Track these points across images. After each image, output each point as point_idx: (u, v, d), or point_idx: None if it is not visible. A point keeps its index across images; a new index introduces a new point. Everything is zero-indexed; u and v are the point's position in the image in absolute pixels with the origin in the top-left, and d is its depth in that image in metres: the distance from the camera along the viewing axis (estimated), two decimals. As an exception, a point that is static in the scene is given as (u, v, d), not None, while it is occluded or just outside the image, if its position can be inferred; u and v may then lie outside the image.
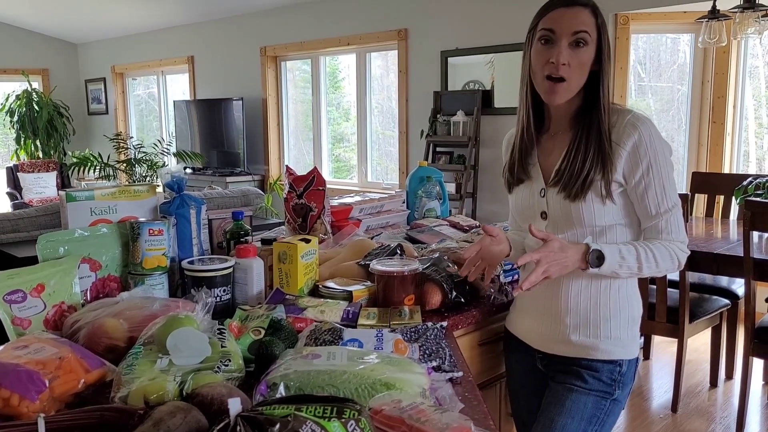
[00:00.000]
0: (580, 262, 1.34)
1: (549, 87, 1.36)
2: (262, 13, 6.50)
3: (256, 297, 1.54)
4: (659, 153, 1.35)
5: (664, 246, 1.38)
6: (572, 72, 1.35)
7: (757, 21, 3.20)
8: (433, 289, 1.55)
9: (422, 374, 1.10)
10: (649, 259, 1.37)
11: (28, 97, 8.12)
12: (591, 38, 1.34)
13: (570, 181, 1.38)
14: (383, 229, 2.24)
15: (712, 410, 3.05)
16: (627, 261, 1.36)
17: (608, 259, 1.34)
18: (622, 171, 1.37)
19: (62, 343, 1.17)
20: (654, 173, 1.35)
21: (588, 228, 1.39)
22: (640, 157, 1.35)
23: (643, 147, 1.34)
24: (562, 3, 1.35)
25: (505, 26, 4.75)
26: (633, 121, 1.35)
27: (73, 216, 1.52)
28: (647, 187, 1.36)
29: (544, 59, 1.36)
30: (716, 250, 2.78)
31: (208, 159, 7.03)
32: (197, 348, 1.10)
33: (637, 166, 1.35)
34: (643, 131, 1.34)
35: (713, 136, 4.44)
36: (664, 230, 1.38)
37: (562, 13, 1.34)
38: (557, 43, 1.34)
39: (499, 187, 4.89)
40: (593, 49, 1.35)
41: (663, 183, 1.36)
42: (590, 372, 1.44)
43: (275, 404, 0.89)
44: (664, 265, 1.38)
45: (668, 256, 1.38)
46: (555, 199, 1.43)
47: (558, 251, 1.32)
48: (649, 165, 1.35)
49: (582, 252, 1.34)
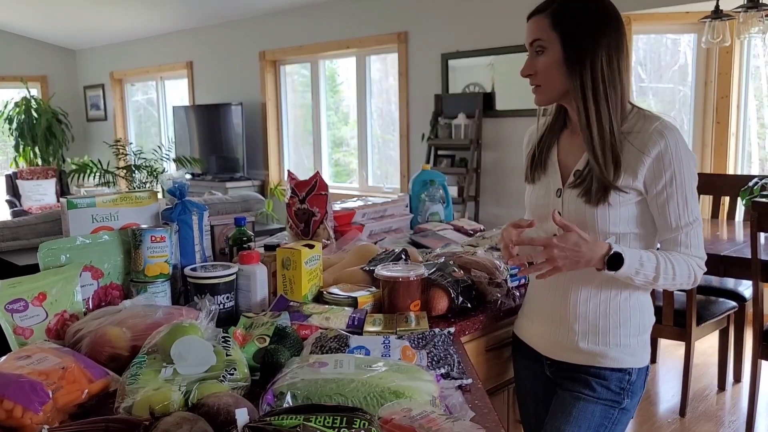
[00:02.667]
0: (596, 262, 1.30)
1: (533, 90, 1.42)
2: (261, 17, 6.49)
3: (260, 304, 1.52)
4: (684, 164, 1.31)
5: (684, 260, 1.34)
6: (540, 78, 1.38)
7: (761, 20, 3.19)
8: (439, 295, 1.53)
9: (431, 382, 1.08)
10: (667, 271, 1.32)
11: (27, 104, 8.11)
12: (549, 42, 1.34)
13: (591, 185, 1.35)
14: (386, 233, 2.22)
15: (721, 414, 3.03)
16: (645, 269, 1.31)
17: (627, 264, 1.30)
18: (644, 179, 1.33)
19: (65, 353, 1.15)
20: (677, 184, 1.32)
21: (601, 234, 1.36)
22: (664, 167, 1.31)
23: (668, 156, 1.30)
24: (528, 16, 1.39)
25: (505, 28, 4.74)
26: (660, 129, 1.31)
27: (74, 223, 1.50)
28: (669, 198, 1.32)
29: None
30: (723, 252, 2.76)
31: (207, 164, 7.02)
32: (202, 357, 1.08)
33: (660, 175, 1.32)
34: (670, 140, 1.30)
35: (717, 137, 4.42)
36: (683, 244, 1.34)
37: (527, 26, 1.39)
38: (528, 55, 1.40)
39: (502, 190, 4.89)
40: (554, 53, 1.34)
41: (686, 195, 1.33)
42: (598, 380, 1.41)
43: (283, 414, 0.88)
44: (680, 280, 1.34)
45: (687, 270, 1.34)
46: (571, 201, 1.40)
47: (572, 246, 1.28)
48: (673, 175, 1.31)
49: (602, 253, 1.29)
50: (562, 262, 1.28)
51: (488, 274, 1.65)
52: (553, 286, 1.45)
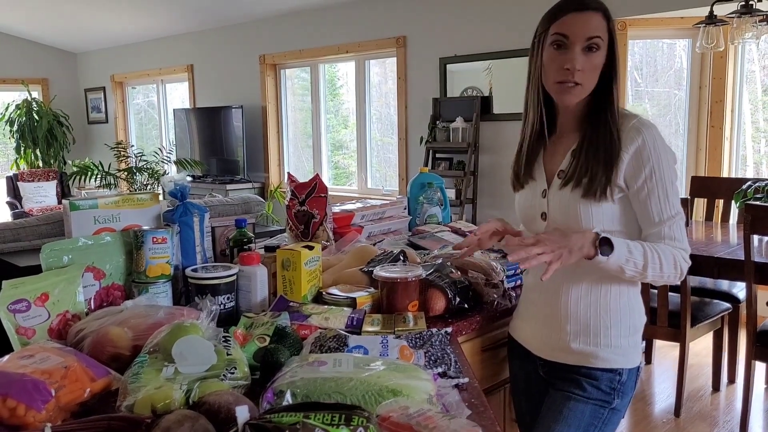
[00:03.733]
0: (588, 248, 1.30)
1: (563, 89, 1.37)
2: (261, 21, 6.52)
3: (260, 304, 1.54)
4: (663, 159, 1.35)
5: (669, 250, 1.36)
6: (586, 76, 1.36)
7: (754, 26, 3.21)
8: (436, 295, 1.55)
9: (428, 381, 1.10)
10: (654, 260, 1.33)
11: (28, 106, 8.12)
12: (603, 42, 1.35)
13: (576, 180, 1.38)
14: (385, 235, 2.24)
15: (715, 414, 3.05)
16: (634, 256, 1.32)
17: (617, 250, 1.30)
18: (624, 175, 1.36)
19: (67, 352, 1.16)
20: (657, 179, 1.34)
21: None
22: (642, 162, 1.34)
23: (646, 152, 1.34)
24: (574, 7, 1.35)
25: (503, 33, 4.76)
26: (638, 126, 1.35)
27: (76, 225, 1.52)
28: (650, 192, 1.35)
29: (558, 64, 1.36)
30: (717, 254, 2.78)
31: (208, 167, 7.04)
32: (203, 356, 1.10)
33: (639, 170, 1.35)
34: (647, 136, 1.34)
35: (712, 141, 4.45)
36: (667, 237, 1.37)
37: (575, 19, 1.34)
38: (571, 49, 1.34)
39: (499, 192, 4.91)
40: (605, 53, 1.36)
41: (666, 189, 1.35)
42: (589, 380, 1.43)
43: (283, 412, 0.89)
44: (667, 271, 1.35)
45: (672, 261, 1.35)
46: (555, 200, 1.43)
47: (559, 236, 1.30)
48: (652, 170, 1.34)
49: (591, 239, 1.30)
50: (555, 254, 1.28)
51: (485, 276, 1.68)
52: (546, 286, 1.47)
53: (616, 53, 1.37)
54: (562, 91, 1.37)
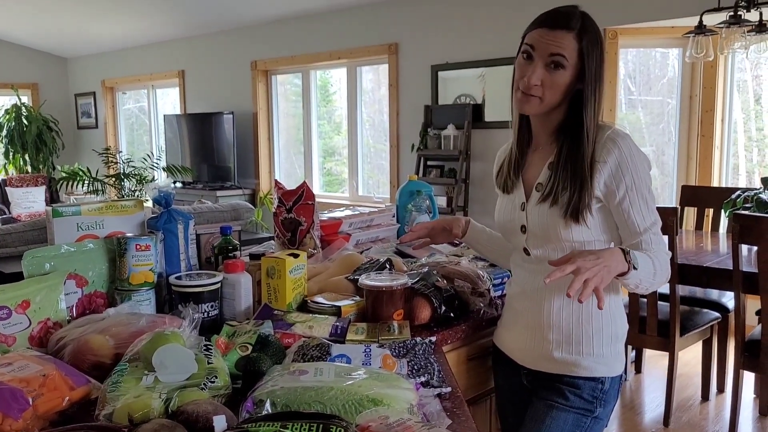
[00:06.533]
0: (620, 263, 1.26)
1: (521, 97, 1.38)
2: (253, 27, 6.52)
3: (244, 312, 1.53)
4: (639, 168, 1.35)
5: (657, 256, 1.35)
6: (545, 91, 1.35)
7: (743, 36, 3.24)
8: (422, 304, 1.54)
9: (410, 390, 1.09)
10: (655, 265, 1.33)
11: (18, 111, 8.09)
12: (569, 62, 1.33)
13: (554, 197, 1.38)
14: (373, 243, 2.24)
15: (704, 424, 3.05)
16: (647, 265, 1.31)
17: (640, 263, 1.29)
18: (601, 187, 1.35)
19: (47, 360, 1.15)
20: (637, 188, 1.34)
21: (566, 243, 1.39)
22: (622, 173, 1.34)
23: (624, 163, 1.34)
24: (547, 23, 1.35)
25: (495, 40, 4.78)
26: (613, 137, 1.35)
27: (59, 231, 1.50)
28: (632, 203, 1.35)
29: (520, 74, 1.37)
30: (706, 263, 2.79)
31: (198, 173, 7.02)
32: (183, 365, 1.09)
33: (620, 182, 1.34)
34: (624, 147, 1.34)
35: (702, 150, 4.48)
36: (652, 243, 1.37)
37: (544, 34, 1.34)
38: (534, 62, 1.35)
39: (490, 200, 4.91)
40: (571, 73, 1.34)
41: (645, 197, 1.36)
42: (572, 389, 1.43)
43: (260, 422, 0.89)
44: (665, 277, 1.36)
45: (666, 266, 1.36)
46: (534, 214, 1.43)
47: (591, 255, 1.24)
48: (632, 180, 1.34)
49: (621, 255, 1.27)
50: (597, 278, 1.20)
51: (471, 284, 1.67)
52: (529, 295, 1.48)
53: (587, 74, 1.34)
54: (520, 99, 1.38)
